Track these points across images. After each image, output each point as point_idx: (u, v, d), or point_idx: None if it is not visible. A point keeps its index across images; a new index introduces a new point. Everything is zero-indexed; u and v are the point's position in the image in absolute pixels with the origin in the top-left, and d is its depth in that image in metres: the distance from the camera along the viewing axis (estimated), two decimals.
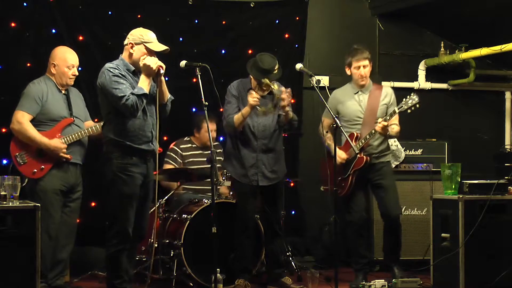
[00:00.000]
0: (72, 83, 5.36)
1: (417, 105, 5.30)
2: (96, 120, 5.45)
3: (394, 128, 5.51)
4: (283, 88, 5.28)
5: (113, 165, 4.61)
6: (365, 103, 5.55)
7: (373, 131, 5.39)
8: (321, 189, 5.68)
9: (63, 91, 5.33)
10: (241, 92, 5.47)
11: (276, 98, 5.31)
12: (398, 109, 5.34)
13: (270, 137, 5.49)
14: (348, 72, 5.65)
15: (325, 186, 5.63)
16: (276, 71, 5.37)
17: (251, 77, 5.48)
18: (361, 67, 5.54)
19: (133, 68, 4.68)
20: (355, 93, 5.62)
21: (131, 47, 4.66)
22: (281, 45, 6.89)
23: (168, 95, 4.78)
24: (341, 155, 5.46)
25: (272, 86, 5.27)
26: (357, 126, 5.54)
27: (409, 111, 5.32)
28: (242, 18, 6.81)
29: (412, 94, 5.35)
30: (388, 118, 5.37)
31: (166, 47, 4.67)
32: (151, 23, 5.26)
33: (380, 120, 5.36)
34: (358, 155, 5.42)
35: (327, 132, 5.53)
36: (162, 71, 4.61)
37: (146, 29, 4.72)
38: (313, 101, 6.83)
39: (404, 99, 5.37)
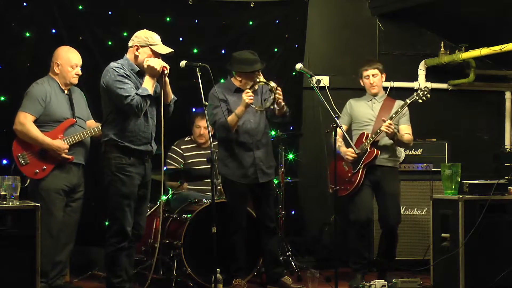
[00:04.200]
0: (76, 82, 5.37)
1: (428, 95, 5.47)
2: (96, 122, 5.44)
3: (405, 136, 5.61)
4: (272, 84, 5.30)
5: (111, 165, 4.62)
6: (377, 109, 5.69)
7: (378, 131, 5.47)
8: (329, 191, 5.67)
9: (66, 91, 5.33)
10: (226, 95, 5.46)
11: (272, 94, 5.30)
12: (410, 99, 5.49)
13: (262, 133, 5.52)
14: (361, 83, 5.81)
15: (333, 187, 5.58)
16: (259, 60, 5.43)
17: (235, 77, 5.47)
18: (370, 76, 5.71)
19: (137, 69, 4.69)
20: (369, 101, 5.78)
21: (137, 49, 4.67)
22: (281, 45, 6.89)
23: (171, 96, 4.78)
24: (349, 151, 5.55)
25: (267, 82, 5.28)
26: (368, 127, 5.66)
27: (420, 100, 5.49)
28: (242, 18, 6.81)
29: (423, 86, 5.59)
30: (395, 115, 5.48)
31: (171, 50, 4.69)
32: (151, 23, 5.27)
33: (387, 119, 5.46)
34: (369, 149, 5.51)
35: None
36: (166, 72, 4.62)
37: (151, 31, 4.73)
38: (313, 101, 6.84)
39: (415, 92, 5.54)
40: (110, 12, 6.38)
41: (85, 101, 5.53)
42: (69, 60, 5.31)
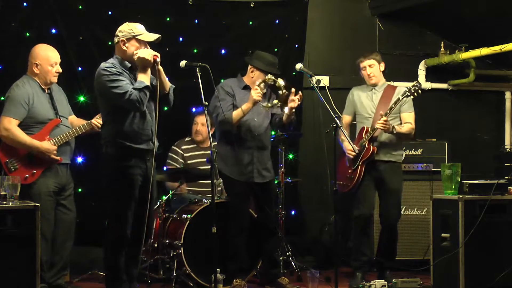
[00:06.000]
0: (56, 80, 5.30)
1: (419, 91, 5.48)
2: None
3: (405, 126, 5.60)
4: (293, 89, 5.30)
5: (112, 166, 4.59)
6: (377, 100, 5.70)
7: (376, 127, 5.49)
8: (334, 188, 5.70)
9: (46, 91, 5.26)
10: (235, 90, 5.47)
11: (282, 95, 5.31)
12: (402, 96, 5.49)
13: (264, 134, 5.53)
14: (361, 75, 5.83)
15: (338, 183, 5.59)
16: (277, 66, 5.51)
17: (253, 73, 5.48)
18: (367, 67, 5.74)
19: (129, 65, 4.63)
20: (369, 91, 5.79)
21: (123, 44, 4.62)
22: (281, 45, 6.89)
23: (169, 84, 4.71)
24: (348, 146, 5.56)
25: (279, 83, 5.29)
26: (369, 120, 5.68)
27: (411, 96, 5.52)
28: (242, 18, 6.81)
29: (414, 82, 5.58)
30: (389, 111, 5.49)
31: (158, 35, 4.62)
32: (151, 23, 5.25)
33: (382, 114, 5.50)
34: (366, 146, 5.54)
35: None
36: (158, 60, 4.53)
37: (133, 22, 4.68)
38: (313, 101, 6.83)
39: (406, 88, 5.54)
40: (110, 12, 6.38)
41: (65, 96, 5.47)
42: (48, 59, 5.22)
